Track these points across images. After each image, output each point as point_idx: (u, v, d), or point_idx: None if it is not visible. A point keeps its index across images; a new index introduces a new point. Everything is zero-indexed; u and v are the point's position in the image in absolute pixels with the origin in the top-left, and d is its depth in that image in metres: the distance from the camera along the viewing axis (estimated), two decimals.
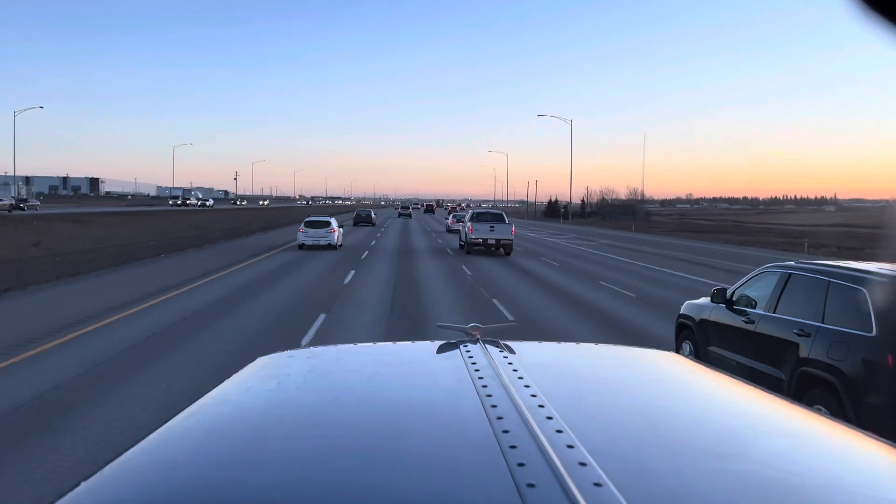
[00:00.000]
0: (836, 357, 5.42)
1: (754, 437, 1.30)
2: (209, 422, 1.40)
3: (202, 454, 1.21)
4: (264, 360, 1.86)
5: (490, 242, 26.78)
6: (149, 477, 1.14)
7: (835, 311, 5.67)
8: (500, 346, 1.76)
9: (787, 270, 6.60)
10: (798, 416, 1.46)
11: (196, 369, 8.41)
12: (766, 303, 6.69)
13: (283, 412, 1.43)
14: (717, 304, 7.52)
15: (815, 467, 1.18)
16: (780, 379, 6.07)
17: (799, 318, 6.06)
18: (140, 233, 35.83)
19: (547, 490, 0.92)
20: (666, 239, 48.19)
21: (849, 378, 5.24)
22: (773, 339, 6.33)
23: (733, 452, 1.18)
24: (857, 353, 5.25)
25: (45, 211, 58.13)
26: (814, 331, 5.77)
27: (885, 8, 1.01)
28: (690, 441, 1.24)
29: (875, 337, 5.14)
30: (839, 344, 5.44)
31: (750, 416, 1.47)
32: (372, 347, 2.17)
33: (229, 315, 12.37)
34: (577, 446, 1.05)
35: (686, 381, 1.74)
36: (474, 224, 27.31)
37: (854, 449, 1.31)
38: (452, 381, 1.48)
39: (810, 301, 6.02)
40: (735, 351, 7.05)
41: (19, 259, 21.23)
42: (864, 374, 5.15)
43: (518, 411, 1.20)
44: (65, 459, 5.47)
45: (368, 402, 1.48)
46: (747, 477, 1.07)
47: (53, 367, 8.41)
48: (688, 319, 8.27)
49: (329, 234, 28.16)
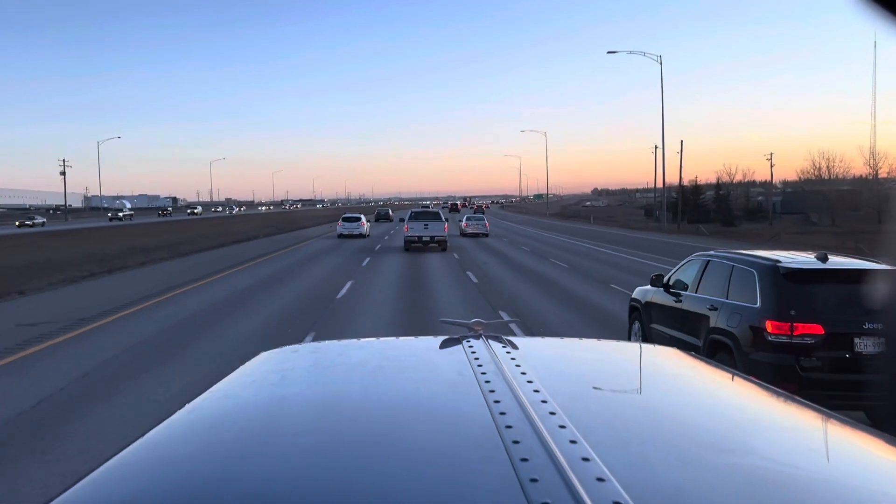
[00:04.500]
0: (732, 325, 6.82)
1: (756, 432, 1.31)
2: (212, 416, 1.41)
3: (205, 449, 1.23)
4: (268, 355, 1.86)
5: (425, 239, 30.49)
6: (152, 472, 1.15)
7: (735, 290, 7.07)
8: (503, 342, 1.77)
9: (707, 258, 8.00)
10: (800, 411, 1.45)
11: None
12: (691, 285, 8.08)
13: (286, 407, 1.44)
14: (657, 287, 8.92)
15: (818, 462, 1.18)
16: (698, 346, 7.46)
17: (711, 296, 7.47)
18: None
19: (550, 485, 0.92)
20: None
21: (739, 340, 6.64)
22: (694, 314, 7.72)
23: (735, 447, 1.19)
24: (746, 321, 6.64)
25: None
26: (720, 305, 7.17)
27: (885, 5, 0.99)
28: (693, 436, 1.24)
29: (758, 308, 6.54)
30: (735, 314, 6.84)
31: (752, 412, 1.47)
32: (375, 342, 2.21)
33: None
34: (579, 441, 1.06)
35: (688, 376, 1.75)
36: (410, 223, 31.06)
37: (856, 443, 1.32)
38: (455, 376, 1.49)
39: (719, 282, 7.42)
40: (668, 326, 8.43)
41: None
42: (750, 336, 6.54)
43: (521, 406, 1.21)
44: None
45: (372, 396, 1.49)
46: (749, 472, 1.07)
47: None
48: (636, 302, 9.66)
49: (360, 226, 40.34)
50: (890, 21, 1.06)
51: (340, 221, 41.16)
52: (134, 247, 32.02)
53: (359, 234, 40.01)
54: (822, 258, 6.78)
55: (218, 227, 57.86)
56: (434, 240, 30.35)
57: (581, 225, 64.18)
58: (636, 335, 9.64)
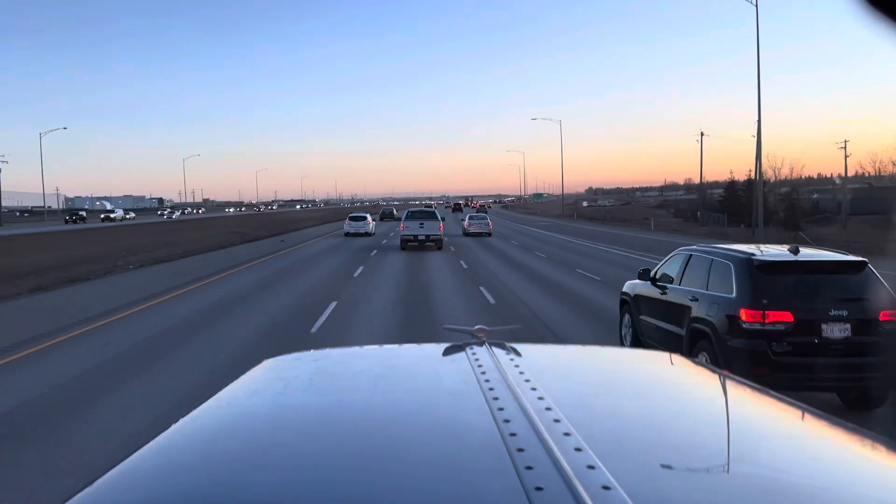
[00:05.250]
0: (711, 314, 7.33)
1: (761, 441, 1.30)
2: (215, 425, 1.40)
3: (208, 458, 1.22)
4: (270, 363, 1.86)
5: (420, 238, 30.80)
6: (155, 481, 1.14)
7: (714, 281, 7.57)
8: (506, 349, 1.75)
9: (689, 252, 8.51)
10: (806, 420, 1.44)
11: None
12: (675, 278, 8.59)
13: (289, 415, 1.44)
14: (644, 281, 9.42)
15: (823, 471, 1.18)
16: (681, 335, 7.96)
17: (693, 287, 7.98)
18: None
19: (555, 493, 0.92)
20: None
21: (717, 328, 7.15)
22: (677, 305, 8.22)
23: (740, 456, 1.19)
24: (723, 310, 7.14)
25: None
26: (701, 296, 7.68)
27: (886, 7, 0.97)
28: (698, 444, 1.24)
29: (734, 297, 7.04)
30: (713, 304, 7.35)
31: (757, 420, 1.47)
32: (378, 350, 2.20)
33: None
34: (584, 449, 1.06)
35: (693, 383, 1.74)
36: (406, 222, 31.42)
37: (861, 452, 1.31)
38: (458, 383, 1.49)
39: (700, 275, 7.93)
40: (655, 317, 8.94)
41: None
42: (727, 324, 7.04)
43: (525, 414, 1.20)
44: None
45: (375, 404, 1.49)
46: (755, 480, 1.07)
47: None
48: (626, 296, 10.17)
49: (366, 225, 42.21)
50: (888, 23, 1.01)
51: (347, 220, 43.16)
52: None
53: (365, 233, 41.62)
54: (794, 251, 7.29)
55: (143, 238, 43.03)
56: (430, 238, 30.80)
57: (613, 230, 50.99)
58: (626, 327, 10.14)
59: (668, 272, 8.96)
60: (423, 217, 31.68)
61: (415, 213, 32.45)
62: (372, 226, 43.38)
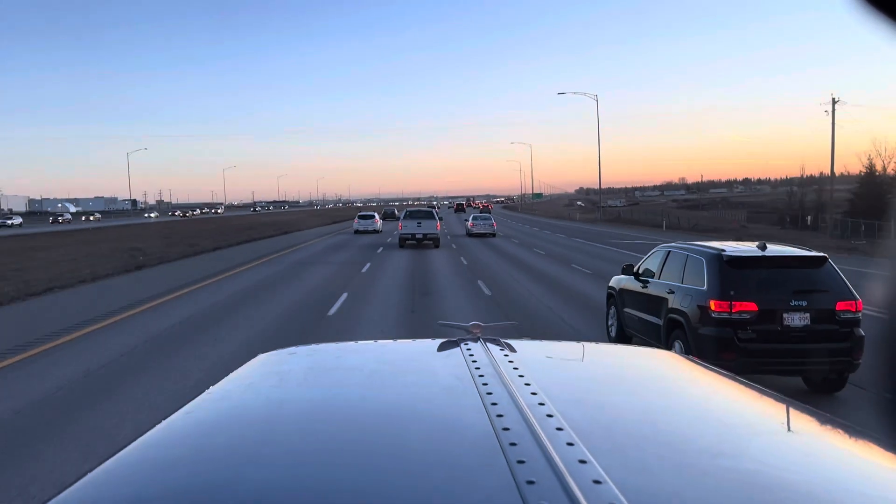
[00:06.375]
0: (684, 305, 7.97)
1: (753, 436, 1.31)
2: (209, 419, 1.40)
3: (201, 451, 1.22)
4: (265, 357, 1.86)
5: (418, 236, 32.14)
6: (148, 474, 1.15)
7: (688, 275, 8.21)
8: (501, 345, 1.77)
9: (668, 248, 9.15)
10: (796, 416, 1.45)
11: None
12: (656, 272, 9.23)
13: (283, 410, 1.45)
14: (628, 275, 10.07)
15: (814, 465, 1.19)
16: (659, 324, 8.60)
17: (670, 281, 8.62)
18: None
19: (547, 487, 0.93)
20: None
21: (690, 318, 7.79)
22: (657, 297, 8.86)
23: (732, 451, 1.20)
24: (695, 301, 7.78)
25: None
26: (676, 289, 8.32)
27: (885, 5, 0.99)
28: (690, 439, 1.25)
29: (705, 290, 7.68)
30: (687, 296, 7.99)
31: (748, 415, 1.47)
32: (373, 345, 2.19)
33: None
34: (577, 444, 1.06)
35: (685, 379, 1.75)
36: (404, 221, 32.91)
37: (853, 447, 1.32)
38: (453, 378, 1.50)
39: (677, 269, 8.57)
40: (637, 309, 9.57)
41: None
42: (698, 314, 7.68)
43: (518, 409, 1.22)
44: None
45: (369, 399, 1.49)
46: (746, 475, 1.07)
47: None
48: (612, 290, 10.82)
49: (374, 223, 46.72)
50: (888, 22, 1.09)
51: (357, 219, 47.56)
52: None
53: (373, 230, 46.02)
54: (762, 247, 7.92)
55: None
56: (427, 237, 32.11)
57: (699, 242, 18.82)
58: (612, 318, 10.79)
59: (650, 267, 9.59)
60: (421, 216, 33.08)
61: (413, 213, 33.75)
62: (379, 224, 48.08)
